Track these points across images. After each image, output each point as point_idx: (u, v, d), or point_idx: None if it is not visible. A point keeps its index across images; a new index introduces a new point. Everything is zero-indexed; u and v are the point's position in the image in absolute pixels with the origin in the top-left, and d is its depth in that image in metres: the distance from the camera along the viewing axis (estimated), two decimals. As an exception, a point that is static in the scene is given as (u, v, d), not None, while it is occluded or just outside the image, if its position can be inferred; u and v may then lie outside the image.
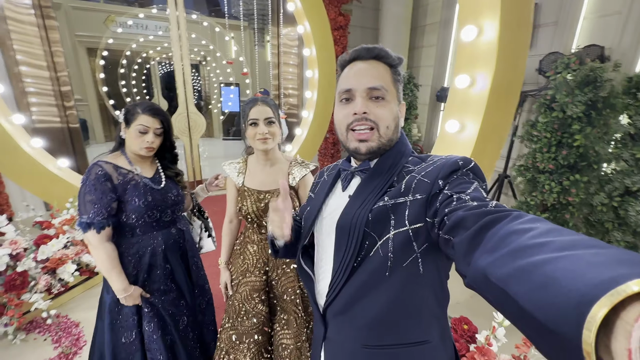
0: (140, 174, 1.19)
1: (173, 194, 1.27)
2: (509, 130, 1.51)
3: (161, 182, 1.25)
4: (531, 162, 2.49)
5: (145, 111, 1.14)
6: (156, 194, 1.21)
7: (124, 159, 1.18)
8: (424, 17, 4.48)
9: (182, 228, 1.34)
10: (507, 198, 3.50)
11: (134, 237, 1.21)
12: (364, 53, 0.67)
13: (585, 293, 0.24)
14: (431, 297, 0.64)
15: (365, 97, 0.65)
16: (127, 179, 1.15)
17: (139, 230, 1.21)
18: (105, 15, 7.01)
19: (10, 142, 2.06)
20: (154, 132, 1.15)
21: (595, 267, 0.25)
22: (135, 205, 1.16)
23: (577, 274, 0.26)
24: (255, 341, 1.19)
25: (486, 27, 1.35)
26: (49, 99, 3.41)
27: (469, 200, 0.49)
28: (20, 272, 1.85)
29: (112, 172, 1.13)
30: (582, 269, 0.26)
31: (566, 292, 0.26)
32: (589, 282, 0.24)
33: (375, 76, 0.65)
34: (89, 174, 1.11)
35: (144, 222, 1.20)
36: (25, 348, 1.80)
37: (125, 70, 7.62)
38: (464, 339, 1.35)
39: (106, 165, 1.13)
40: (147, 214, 1.19)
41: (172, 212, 1.28)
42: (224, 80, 8.57)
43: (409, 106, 4.07)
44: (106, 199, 1.10)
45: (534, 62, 3.06)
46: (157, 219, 1.23)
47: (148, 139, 1.14)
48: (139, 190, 1.17)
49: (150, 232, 1.23)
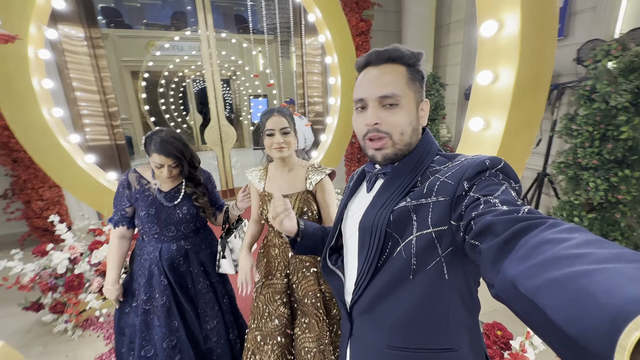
0: (156, 187, 1.29)
1: (182, 212, 1.31)
2: (539, 126, 1.44)
3: (176, 198, 1.30)
4: (572, 158, 2.31)
5: (157, 151, 1.18)
6: (162, 209, 1.27)
7: (149, 172, 1.30)
8: (448, 15, 4.38)
9: (186, 246, 1.35)
10: (548, 198, 3.26)
11: (142, 241, 1.34)
12: (375, 58, 0.66)
13: (622, 308, 0.22)
14: (458, 304, 0.62)
15: (377, 106, 0.65)
16: (143, 189, 1.28)
17: (145, 237, 1.33)
18: (146, 41, 7.67)
19: (68, 159, 2.33)
20: (169, 166, 1.22)
21: (636, 282, 0.24)
22: (139, 215, 1.27)
23: (614, 288, 0.24)
24: (279, 343, 1.22)
25: (507, 20, 1.31)
26: (99, 119, 3.80)
27: (499, 204, 0.47)
28: (77, 274, 2.07)
29: (133, 181, 1.28)
30: (621, 283, 0.24)
31: (601, 306, 0.24)
32: (628, 297, 0.23)
33: (386, 83, 0.64)
34: (120, 180, 1.29)
35: (147, 231, 1.29)
36: (82, 343, 2.00)
37: (163, 90, 8.26)
38: (497, 346, 1.28)
39: (132, 174, 1.29)
40: (148, 225, 1.27)
41: (177, 229, 1.31)
42: (252, 92, 8.96)
43: (435, 106, 3.97)
44: (121, 204, 1.28)
45: (571, 51, 2.86)
46: (158, 232, 1.29)
47: (164, 173, 1.22)
48: (146, 201, 1.26)
49: (152, 242, 1.32)
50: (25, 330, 2.11)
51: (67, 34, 3.43)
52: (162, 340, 1.29)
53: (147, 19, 9.38)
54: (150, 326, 1.32)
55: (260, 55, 5.71)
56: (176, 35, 7.07)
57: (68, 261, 2.08)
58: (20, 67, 2.07)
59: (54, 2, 2.23)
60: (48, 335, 2.05)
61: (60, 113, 2.40)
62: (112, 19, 8.42)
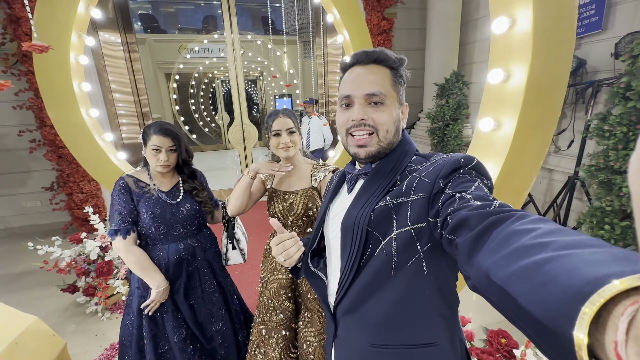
0: (156, 188, 1.28)
1: (186, 209, 1.31)
2: (554, 127, 1.36)
3: (177, 196, 1.31)
4: (603, 161, 2.15)
5: (157, 132, 1.21)
6: (166, 208, 1.27)
7: (145, 174, 1.31)
8: (476, 10, 4.20)
9: (193, 244, 1.35)
10: (581, 203, 3.04)
11: (147, 246, 1.29)
12: (362, 57, 0.67)
13: (580, 290, 0.24)
14: (438, 299, 0.63)
15: (364, 104, 0.66)
16: (143, 192, 1.26)
17: (150, 241, 1.29)
18: (179, 45, 8.11)
19: (103, 156, 2.54)
20: (167, 150, 1.23)
21: (592, 265, 0.26)
22: (143, 217, 1.24)
23: (574, 272, 0.26)
24: (284, 336, 1.26)
25: (519, 16, 1.25)
26: (133, 119, 4.09)
27: (472, 199, 0.49)
28: (107, 261, 2.26)
29: (131, 185, 1.26)
30: (580, 266, 0.26)
31: (562, 288, 0.26)
32: (584, 279, 0.25)
33: (373, 82, 0.66)
34: (114, 188, 1.24)
35: (152, 233, 1.26)
36: (110, 325, 2.19)
37: (193, 90, 8.68)
38: (501, 354, 1.24)
39: (128, 178, 1.27)
40: (154, 227, 1.25)
41: (183, 226, 1.31)
42: (278, 92, 9.16)
43: (457, 106, 3.83)
44: (128, 207, 1.23)
45: (610, 45, 2.65)
46: (165, 232, 1.28)
47: (161, 157, 1.22)
48: (150, 202, 1.24)
49: (159, 243, 1.29)
50: (62, 310, 2.34)
51: (107, 40, 3.73)
52: (172, 335, 1.31)
53: (181, 24, 9.88)
54: (159, 324, 1.31)
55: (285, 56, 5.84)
56: (205, 38, 7.40)
57: (99, 249, 2.28)
58: (62, 72, 2.29)
59: (92, 12, 2.44)
60: (81, 316, 2.26)
61: (97, 113, 2.63)
62: (149, 25, 8.97)
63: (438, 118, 3.95)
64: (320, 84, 4.95)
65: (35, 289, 2.60)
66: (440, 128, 4.00)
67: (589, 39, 2.90)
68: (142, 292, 1.30)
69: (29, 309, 1.33)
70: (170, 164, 1.26)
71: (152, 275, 1.24)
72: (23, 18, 3.05)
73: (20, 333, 1.18)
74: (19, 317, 1.26)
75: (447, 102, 3.92)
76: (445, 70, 4.15)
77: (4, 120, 3.52)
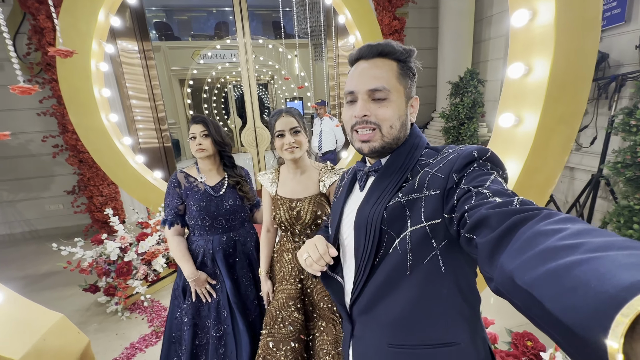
0: (204, 182, 1.37)
1: (229, 203, 1.38)
2: (579, 122, 1.31)
3: (221, 190, 1.38)
4: (630, 157, 2.06)
5: (191, 123, 1.36)
6: (211, 201, 1.35)
7: (195, 169, 1.41)
8: (489, 7, 4.12)
9: (236, 237, 1.42)
10: (606, 203, 2.92)
11: (194, 236, 1.40)
12: (367, 51, 0.66)
13: (614, 296, 0.23)
14: (457, 297, 0.61)
15: (367, 99, 0.65)
16: (192, 186, 1.36)
17: (196, 232, 1.38)
18: (192, 51, 8.29)
19: (121, 159, 2.62)
20: (200, 135, 1.33)
21: (627, 269, 0.24)
22: (191, 209, 1.34)
23: (606, 276, 0.25)
24: (292, 349, 1.16)
25: (540, 8, 1.22)
26: (150, 124, 4.19)
27: (491, 195, 0.47)
28: (126, 261, 2.32)
29: (182, 180, 1.37)
30: (612, 270, 0.25)
31: (594, 294, 0.24)
32: (618, 285, 0.23)
33: (376, 77, 0.64)
34: (168, 182, 1.38)
35: (198, 225, 1.35)
36: (129, 324, 2.23)
37: (206, 95, 8.84)
38: (527, 357, 1.20)
39: (180, 174, 1.38)
40: (200, 218, 1.34)
41: (226, 220, 1.38)
42: (289, 95, 9.23)
43: (472, 104, 3.75)
44: (174, 202, 1.36)
45: (634, 38, 2.55)
46: (210, 224, 1.36)
47: (197, 142, 1.33)
48: (197, 195, 1.34)
49: (204, 235, 1.38)
50: (84, 309, 2.41)
51: (124, 48, 3.85)
52: (211, 329, 1.35)
53: (194, 30, 10.13)
54: (201, 315, 1.37)
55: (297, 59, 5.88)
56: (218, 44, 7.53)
57: (119, 250, 2.33)
58: (84, 79, 2.37)
59: (112, 20, 2.53)
60: (102, 315, 2.32)
61: (116, 118, 2.71)
62: (163, 33, 9.23)
63: (452, 117, 3.88)
64: (332, 86, 4.95)
65: (58, 288, 2.69)
66: (454, 127, 3.93)
67: (611, 32, 2.79)
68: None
69: (54, 308, 1.37)
70: (205, 147, 1.33)
71: (183, 265, 1.32)
72: (47, 28, 3.18)
73: (48, 329, 1.21)
74: (46, 315, 1.31)
75: (461, 100, 3.85)
76: (458, 68, 4.08)
77: (29, 127, 3.67)
